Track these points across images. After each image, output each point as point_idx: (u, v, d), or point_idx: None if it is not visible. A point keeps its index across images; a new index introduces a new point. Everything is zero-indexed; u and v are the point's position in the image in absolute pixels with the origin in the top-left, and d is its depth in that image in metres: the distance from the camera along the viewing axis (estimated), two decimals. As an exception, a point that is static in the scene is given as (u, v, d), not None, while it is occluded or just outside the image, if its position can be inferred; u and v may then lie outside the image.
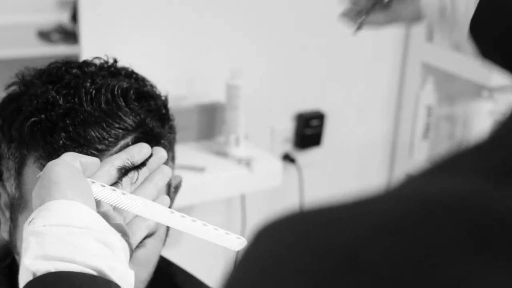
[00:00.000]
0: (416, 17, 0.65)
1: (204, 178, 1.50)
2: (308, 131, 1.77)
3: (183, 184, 1.48)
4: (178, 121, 0.79)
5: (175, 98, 1.56)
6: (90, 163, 0.60)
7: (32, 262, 0.50)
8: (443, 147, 1.85)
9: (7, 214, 0.72)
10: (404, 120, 1.91)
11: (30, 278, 0.50)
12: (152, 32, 1.51)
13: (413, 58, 1.84)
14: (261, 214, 1.77)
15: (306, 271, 0.25)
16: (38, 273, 0.50)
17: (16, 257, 0.72)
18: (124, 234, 0.59)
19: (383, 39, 1.84)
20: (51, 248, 0.51)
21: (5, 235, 0.73)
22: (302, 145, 1.79)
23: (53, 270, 0.50)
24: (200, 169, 1.50)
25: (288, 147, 1.79)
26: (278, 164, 1.59)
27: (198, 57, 1.59)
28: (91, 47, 1.42)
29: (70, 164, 0.57)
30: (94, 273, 0.51)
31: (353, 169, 1.96)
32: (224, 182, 1.54)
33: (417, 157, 1.87)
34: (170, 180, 0.74)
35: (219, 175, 1.53)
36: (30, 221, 0.53)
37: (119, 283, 0.52)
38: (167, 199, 0.64)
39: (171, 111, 0.76)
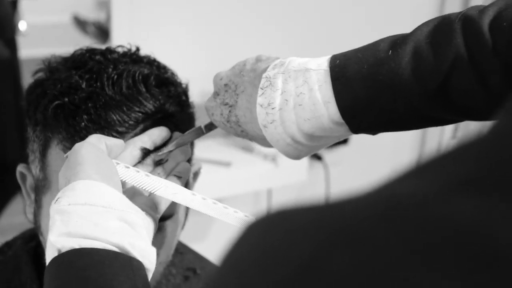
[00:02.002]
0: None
1: (231, 173, 1.51)
2: (336, 128, 1.77)
3: (210, 178, 1.49)
4: (206, 117, 0.80)
5: (204, 94, 1.58)
6: (115, 144, 0.62)
7: (57, 239, 0.52)
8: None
9: (32, 196, 0.75)
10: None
11: (56, 254, 0.52)
12: (182, 30, 1.54)
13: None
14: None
15: (266, 280, 0.25)
16: (63, 250, 0.52)
17: (40, 237, 0.75)
18: (149, 206, 0.61)
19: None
20: (75, 226, 0.52)
21: (30, 217, 0.76)
22: (330, 143, 1.79)
23: (77, 246, 0.52)
24: (227, 164, 1.52)
25: (315, 144, 1.79)
26: (303, 159, 1.59)
27: (228, 54, 1.61)
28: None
29: (95, 146, 0.59)
30: (117, 249, 0.53)
31: (380, 168, 1.96)
32: (250, 176, 1.55)
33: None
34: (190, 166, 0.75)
35: (245, 170, 1.54)
36: (56, 200, 0.55)
37: (141, 259, 0.54)
38: (187, 165, 0.67)
39: (192, 102, 0.78)
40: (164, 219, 0.71)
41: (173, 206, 0.71)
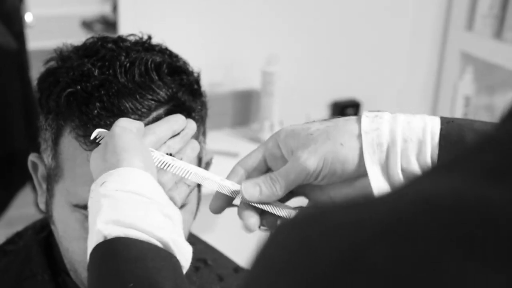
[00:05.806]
0: None
1: (239, 164, 1.51)
2: (344, 120, 1.77)
3: (217, 168, 1.49)
4: (214, 108, 0.80)
5: (211, 85, 1.58)
6: (140, 128, 0.62)
7: (104, 226, 0.52)
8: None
9: (44, 185, 0.75)
10: (441, 110, 1.88)
11: (101, 240, 0.52)
12: (189, 20, 1.53)
13: (452, 47, 1.81)
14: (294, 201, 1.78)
15: (310, 275, 0.25)
16: (109, 237, 0.52)
17: (52, 227, 0.74)
18: (172, 198, 0.61)
19: (421, 27, 1.82)
20: (123, 214, 0.53)
21: (42, 206, 0.76)
22: (337, 134, 1.78)
23: (122, 235, 0.52)
24: (234, 155, 1.51)
25: (323, 136, 1.79)
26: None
27: (235, 44, 1.60)
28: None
29: (135, 133, 0.59)
30: (160, 244, 0.53)
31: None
32: (258, 168, 1.55)
33: (455, 148, 1.85)
34: (202, 155, 0.75)
35: (253, 161, 1.54)
36: (102, 184, 0.54)
37: (178, 256, 0.54)
38: (196, 143, 0.68)
39: (204, 91, 0.77)
40: (177, 209, 0.71)
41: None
